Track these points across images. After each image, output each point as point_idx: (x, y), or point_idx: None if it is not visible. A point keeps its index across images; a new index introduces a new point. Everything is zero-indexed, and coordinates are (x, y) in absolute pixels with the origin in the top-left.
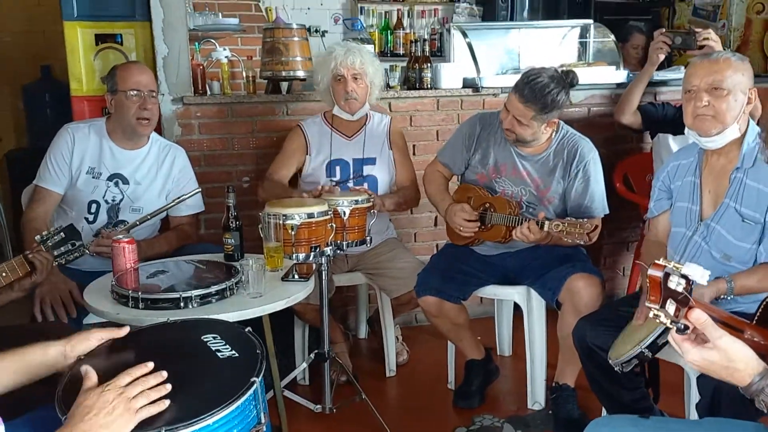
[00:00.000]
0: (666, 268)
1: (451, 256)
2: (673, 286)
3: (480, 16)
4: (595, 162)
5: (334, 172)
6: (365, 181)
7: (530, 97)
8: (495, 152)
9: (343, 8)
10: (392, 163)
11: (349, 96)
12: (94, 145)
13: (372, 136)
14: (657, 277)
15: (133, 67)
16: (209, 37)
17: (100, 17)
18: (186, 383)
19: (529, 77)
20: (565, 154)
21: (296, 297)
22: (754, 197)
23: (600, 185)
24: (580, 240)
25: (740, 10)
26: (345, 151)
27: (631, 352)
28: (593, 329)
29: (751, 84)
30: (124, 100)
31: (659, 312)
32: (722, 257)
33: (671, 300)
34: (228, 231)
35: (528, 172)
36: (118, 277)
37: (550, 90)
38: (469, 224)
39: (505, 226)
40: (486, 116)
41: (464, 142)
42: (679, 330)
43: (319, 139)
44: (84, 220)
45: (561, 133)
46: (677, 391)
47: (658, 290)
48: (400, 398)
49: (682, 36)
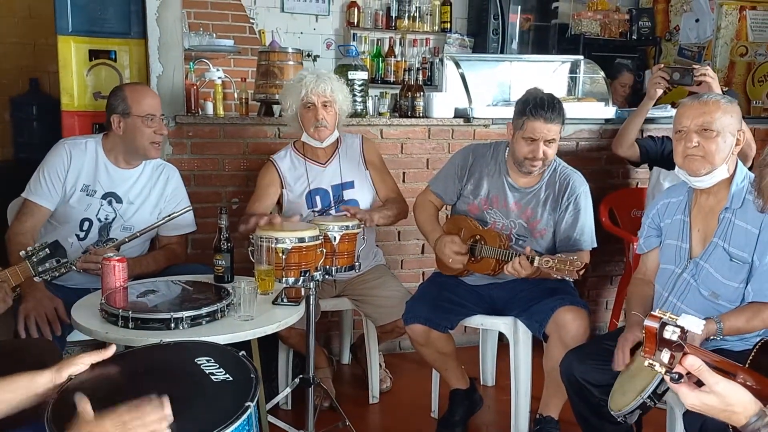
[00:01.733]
0: (662, 319)
1: (439, 285)
2: (668, 336)
3: (471, 47)
4: (586, 195)
5: (314, 202)
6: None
7: (552, 112)
8: (488, 184)
9: (335, 34)
10: (371, 182)
11: (320, 124)
12: (90, 162)
13: (346, 159)
14: (653, 328)
15: (145, 91)
16: (203, 58)
17: (95, 33)
18: (180, 406)
19: (536, 99)
20: (556, 186)
21: (287, 321)
22: (742, 237)
23: (589, 219)
24: (569, 277)
25: (724, 52)
26: (322, 179)
27: (633, 403)
28: (581, 364)
29: (739, 126)
30: (139, 124)
31: (654, 361)
32: (710, 295)
33: (666, 349)
34: (219, 252)
35: (519, 204)
36: (108, 295)
37: (556, 99)
38: (458, 257)
39: (495, 260)
40: (479, 147)
41: (456, 173)
42: (673, 379)
43: (293, 172)
44: (74, 236)
45: (553, 166)
46: (659, 428)
47: (654, 341)
48: (383, 425)
49: (680, 71)
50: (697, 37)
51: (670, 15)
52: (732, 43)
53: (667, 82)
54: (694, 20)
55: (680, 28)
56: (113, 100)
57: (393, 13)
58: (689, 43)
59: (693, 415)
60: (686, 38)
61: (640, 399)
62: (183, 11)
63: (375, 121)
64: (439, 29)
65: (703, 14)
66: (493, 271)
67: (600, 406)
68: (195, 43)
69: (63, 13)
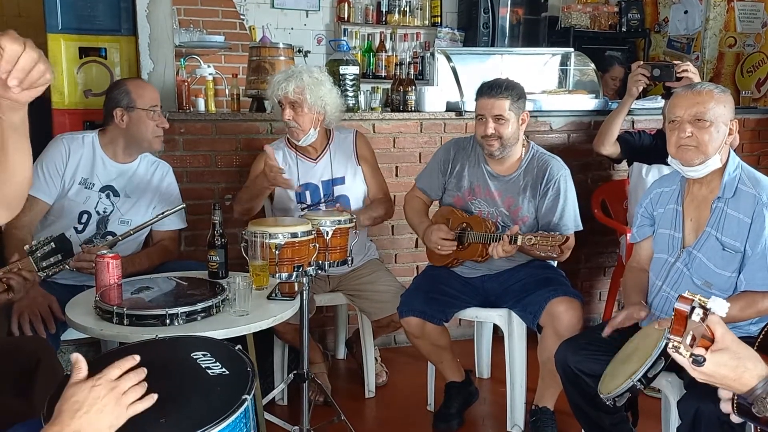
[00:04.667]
0: (693, 302)
1: (433, 278)
2: (694, 317)
3: (461, 41)
4: (565, 179)
5: (304, 196)
6: (337, 202)
7: (498, 89)
8: (469, 174)
9: (326, 29)
10: (362, 178)
11: (288, 124)
12: (88, 156)
13: (338, 154)
14: (684, 311)
15: (146, 85)
16: (194, 54)
17: (84, 30)
18: (176, 400)
19: (485, 82)
20: (535, 173)
21: (282, 316)
22: (735, 227)
23: (571, 203)
24: (552, 253)
25: (713, 43)
26: (313, 174)
27: (623, 386)
28: (576, 354)
29: (732, 116)
30: (144, 117)
31: (680, 344)
32: (703, 284)
33: (690, 332)
34: (213, 248)
35: (500, 192)
36: (102, 292)
37: (508, 79)
38: (446, 242)
39: (482, 244)
40: (460, 141)
41: (440, 168)
42: (696, 361)
43: (285, 165)
44: (72, 229)
45: (531, 153)
46: (654, 416)
47: (683, 324)
48: (378, 420)
49: (660, 68)
50: (686, 29)
51: (659, 7)
52: (721, 34)
53: (648, 79)
54: (683, 12)
55: (669, 20)
56: (116, 94)
57: (383, 8)
58: (678, 34)
59: (687, 403)
60: (675, 30)
61: (630, 382)
62: (173, 8)
63: (367, 115)
64: (429, 23)
65: (692, 6)
66: (480, 257)
67: (595, 396)
68: (185, 39)
69: (52, 11)
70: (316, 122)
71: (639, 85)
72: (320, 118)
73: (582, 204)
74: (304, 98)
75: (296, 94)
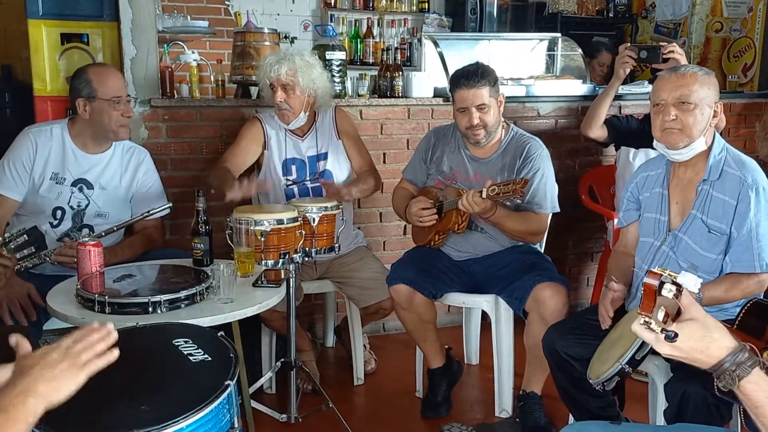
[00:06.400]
0: (662, 277)
1: (424, 254)
2: (665, 293)
3: (449, 27)
4: (542, 159)
5: (290, 170)
6: (321, 177)
7: (475, 77)
8: (449, 160)
9: (312, 15)
10: (344, 152)
11: (279, 106)
12: (57, 149)
13: (321, 131)
14: (653, 285)
15: (110, 73)
16: (177, 40)
17: (66, 16)
18: (158, 387)
19: (457, 71)
20: (513, 153)
21: (268, 303)
22: (720, 209)
23: (546, 183)
24: (516, 197)
25: (700, 28)
26: (299, 149)
27: (611, 369)
28: (562, 338)
29: (716, 98)
30: (106, 107)
31: (650, 319)
32: (689, 266)
33: (662, 307)
34: (197, 236)
35: (480, 175)
36: (84, 280)
37: (479, 65)
38: (425, 212)
39: (455, 210)
40: (440, 129)
41: (422, 156)
42: (668, 337)
43: (276, 136)
44: (48, 224)
45: (510, 135)
46: (641, 399)
47: (652, 298)
48: (367, 407)
49: (647, 50)
50: (672, 14)
51: None
52: (707, 19)
53: (634, 60)
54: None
55: (656, 5)
56: (77, 83)
57: None
58: (665, 20)
59: (674, 386)
60: (662, 15)
61: (619, 365)
62: None
63: (354, 101)
64: (417, 9)
65: None
66: (457, 224)
67: (582, 380)
68: (169, 25)
69: None
70: (306, 105)
71: (626, 67)
72: (311, 101)
73: (570, 189)
74: (297, 81)
75: (289, 76)
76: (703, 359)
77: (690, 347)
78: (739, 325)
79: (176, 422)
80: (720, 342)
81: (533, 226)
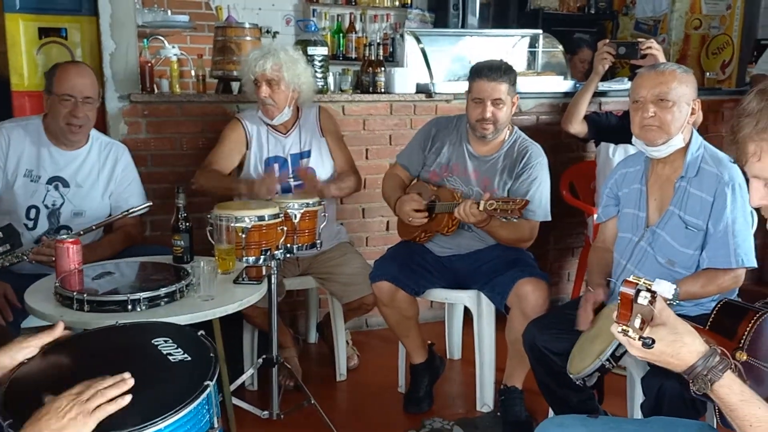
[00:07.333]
0: (638, 286)
1: (408, 250)
2: (641, 301)
3: (432, 22)
4: (541, 167)
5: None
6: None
7: (498, 72)
8: (449, 151)
9: (294, 10)
10: (327, 151)
11: (264, 101)
12: (31, 146)
13: (305, 128)
14: (629, 295)
15: (71, 70)
16: (158, 35)
17: (44, 10)
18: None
19: (481, 63)
20: (514, 156)
21: (249, 300)
22: (697, 205)
23: (543, 191)
24: (513, 217)
25: (679, 25)
26: (282, 147)
27: (592, 365)
28: (542, 333)
29: (695, 95)
30: (56, 103)
31: (628, 327)
32: (667, 262)
33: (639, 315)
34: (177, 232)
35: (478, 172)
36: (62, 278)
37: (504, 62)
38: (417, 214)
39: (447, 215)
40: (442, 119)
41: (420, 143)
42: (645, 344)
43: (257, 135)
44: (23, 226)
45: (513, 137)
46: (620, 393)
47: (629, 307)
48: (350, 403)
49: (625, 46)
50: (653, 11)
51: None
52: (687, 16)
53: (613, 57)
54: None
55: (636, 2)
56: (47, 77)
57: None
58: (645, 16)
59: (651, 380)
60: (642, 12)
61: (599, 362)
62: None
63: (336, 97)
64: (399, 4)
65: None
66: (446, 228)
67: (562, 374)
68: (149, 19)
69: None
70: (291, 100)
71: (605, 63)
72: (295, 97)
73: (551, 186)
74: (282, 76)
75: (274, 71)
76: (675, 363)
77: (661, 351)
78: (712, 326)
79: (154, 423)
80: (691, 346)
81: (524, 234)
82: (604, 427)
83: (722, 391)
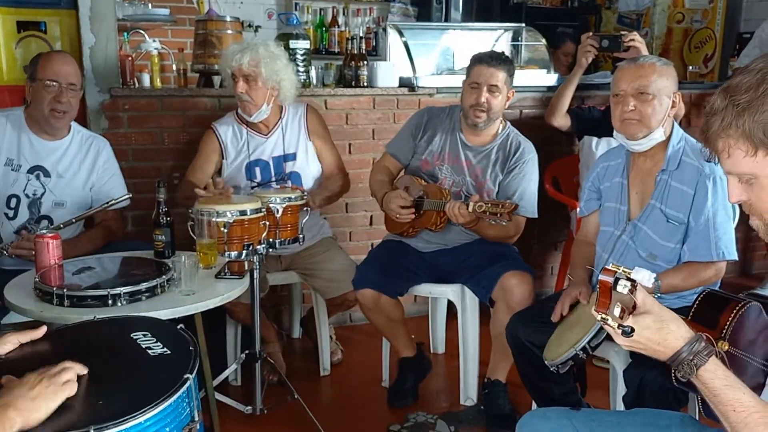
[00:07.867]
0: (616, 274)
1: (389, 252)
2: (620, 289)
3: (415, 16)
4: (532, 163)
5: (254, 173)
6: (288, 180)
7: (497, 59)
8: (441, 139)
9: (276, 3)
10: (314, 153)
11: (240, 97)
12: (12, 135)
13: (289, 129)
14: (608, 282)
15: (55, 57)
16: (138, 28)
17: (22, 3)
18: (115, 382)
19: (483, 51)
20: (507, 149)
21: (230, 295)
22: (678, 198)
23: (531, 187)
24: (501, 220)
25: (662, 19)
26: (263, 150)
27: (566, 354)
28: (525, 326)
29: (675, 88)
30: (41, 89)
31: (607, 315)
32: (648, 256)
33: (618, 303)
34: (158, 227)
35: (470, 162)
36: (42, 273)
37: (505, 54)
38: (404, 210)
39: (436, 212)
40: (434, 108)
41: (411, 132)
42: (625, 333)
43: (234, 141)
44: (3, 216)
45: (506, 132)
46: (602, 386)
47: (608, 295)
48: (334, 397)
49: (608, 39)
50: (635, 5)
51: None
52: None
53: (596, 49)
54: None
55: None
56: (30, 67)
57: None
58: (628, 10)
59: (632, 372)
60: (625, 6)
61: (573, 351)
62: None
63: (319, 91)
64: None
65: None
66: (434, 225)
67: (544, 367)
68: (129, 12)
69: None
70: (269, 98)
71: (588, 56)
72: (274, 94)
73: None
74: (259, 72)
75: (251, 66)
76: (661, 350)
77: (647, 339)
78: (694, 316)
79: (134, 417)
80: (677, 332)
81: (510, 231)
82: (586, 420)
83: (707, 375)
